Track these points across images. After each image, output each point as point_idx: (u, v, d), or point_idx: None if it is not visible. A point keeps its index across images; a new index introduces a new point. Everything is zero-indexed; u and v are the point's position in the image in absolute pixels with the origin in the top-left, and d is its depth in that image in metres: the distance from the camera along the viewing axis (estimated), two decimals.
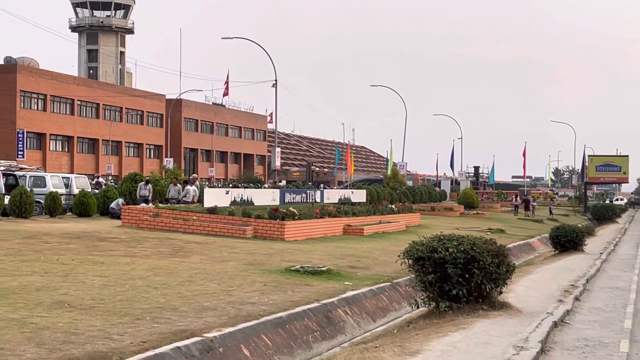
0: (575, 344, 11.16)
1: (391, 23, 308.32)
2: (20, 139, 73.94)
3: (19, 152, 70.89)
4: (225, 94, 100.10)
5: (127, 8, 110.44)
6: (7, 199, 30.85)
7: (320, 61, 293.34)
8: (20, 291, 13.11)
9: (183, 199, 35.31)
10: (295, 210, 29.75)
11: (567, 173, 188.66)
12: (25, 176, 38.29)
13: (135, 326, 11.12)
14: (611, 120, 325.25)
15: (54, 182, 38.67)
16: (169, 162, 76.26)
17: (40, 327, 10.56)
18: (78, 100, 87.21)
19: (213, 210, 29.01)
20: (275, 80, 61.81)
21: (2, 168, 39.22)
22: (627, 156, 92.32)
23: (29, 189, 33.05)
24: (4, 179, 35.88)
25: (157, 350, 9.83)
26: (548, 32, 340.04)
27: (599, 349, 10.83)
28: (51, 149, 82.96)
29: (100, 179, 52.93)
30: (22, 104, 79.50)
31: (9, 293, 12.86)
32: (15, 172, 38.69)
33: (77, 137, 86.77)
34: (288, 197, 37.07)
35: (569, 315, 13.55)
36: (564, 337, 11.62)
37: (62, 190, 37.35)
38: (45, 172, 45.94)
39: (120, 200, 35.41)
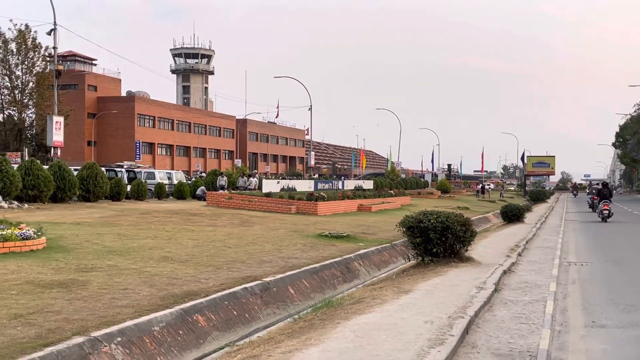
0: (518, 285, 11.10)
1: (393, 56, 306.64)
2: (137, 147, 74.52)
3: (137, 156, 71.42)
4: (277, 115, 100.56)
5: (209, 57, 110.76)
6: (129, 187, 31.19)
7: (343, 88, 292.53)
8: (138, 249, 13.25)
9: (248, 187, 35.45)
10: (324, 194, 29.79)
11: (512, 168, 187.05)
12: (141, 172, 38.73)
13: (216, 273, 11.19)
14: (544, 130, 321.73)
15: (160, 176, 39.10)
16: (238, 162, 76.57)
17: (151, 274, 10.66)
18: (176, 120, 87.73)
19: (268, 194, 29.14)
20: (310, 106, 62.09)
21: (126, 166, 39.69)
22: (554, 156, 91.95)
23: (143, 181, 33.42)
24: (127, 174, 36.33)
25: (231, 290, 9.90)
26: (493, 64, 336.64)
27: (535, 288, 10.76)
28: (158, 153, 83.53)
29: (203, 174, 53.23)
30: (139, 123, 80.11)
31: (131, 251, 12.99)
32: (134, 169, 39.17)
33: (176, 145, 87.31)
34: (320, 185, 37.18)
35: (514, 266, 13.48)
36: (510, 281, 11.56)
37: (166, 181, 37.73)
38: (154, 169, 46.33)
39: (203, 188, 35.72)
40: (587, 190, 74.15)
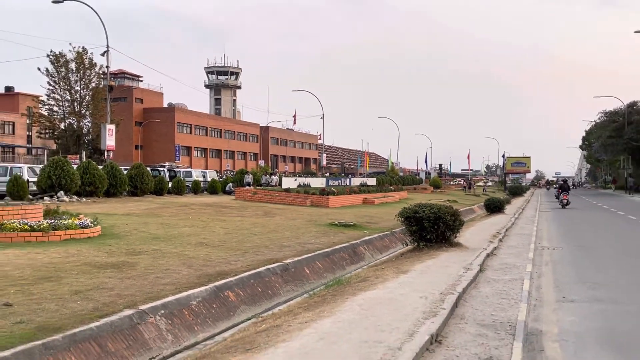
0: (500, 266, 11.04)
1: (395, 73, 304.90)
2: (177, 150, 74.77)
3: (176, 158, 71.62)
4: (294, 123, 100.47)
5: (237, 74, 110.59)
6: (170, 184, 31.31)
7: (351, 98, 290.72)
8: (178, 236, 13.30)
9: (270, 183, 35.54)
10: (334, 190, 29.81)
11: (494, 167, 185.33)
12: (180, 171, 38.97)
13: (243, 256, 11.22)
14: (521, 134, 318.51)
15: (196, 174, 39.27)
16: (262, 162, 76.73)
17: (189, 257, 10.71)
18: (209, 127, 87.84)
19: (287, 190, 29.17)
20: (322, 115, 62.22)
21: (167, 166, 39.91)
22: (529, 157, 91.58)
23: (182, 178, 33.56)
24: (168, 173, 36.50)
25: (256, 270, 9.92)
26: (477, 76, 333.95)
27: (513, 269, 10.70)
28: (195, 156, 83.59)
29: (232, 173, 53.38)
30: (178, 130, 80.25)
31: (172, 238, 13.05)
32: (175, 169, 39.44)
33: (209, 149, 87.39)
34: (330, 182, 37.14)
35: (496, 250, 13.39)
36: (493, 263, 11.50)
37: (201, 179, 37.88)
38: (191, 169, 46.50)
39: (231, 184, 35.85)
40: (555, 185, 74.04)
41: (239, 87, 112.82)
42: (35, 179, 24.25)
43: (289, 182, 33.14)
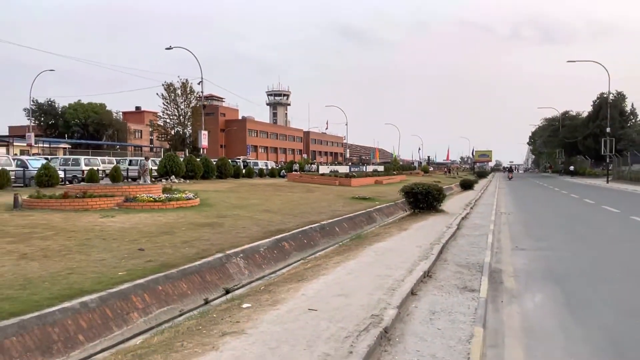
0: (471, 225, 10.84)
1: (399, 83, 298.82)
2: (248, 148, 75.02)
3: (248, 153, 72.05)
4: (326, 128, 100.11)
5: (287, 95, 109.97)
6: (244, 170, 31.56)
7: (367, 109, 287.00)
8: (249, 205, 13.41)
9: (310, 170, 35.49)
10: (355, 174, 29.62)
11: (467, 158, 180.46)
12: (250, 162, 39.15)
13: (293, 219, 11.26)
14: (486, 134, 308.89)
15: (261, 164, 39.41)
16: (305, 156, 76.55)
17: (257, 219, 10.80)
18: (269, 132, 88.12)
19: (323, 174, 29.16)
20: (347, 122, 62.02)
21: (242, 159, 40.20)
22: (491, 150, 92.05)
23: (252, 167, 33.76)
24: (242, 163, 36.76)
25: (303, 228, 9.94)
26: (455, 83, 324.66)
27: (480, 227, 10.49)
28: (260, 152, 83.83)
29: (283, 163, 53.44)
30: (248, 134, 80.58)
31: (246, 206, 13.16)
32: (246, 161, 39.63)
33: (269, 147, 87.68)
34: (352, 169, 36.93)
35: (468, 215, 13.14)
36: (466, 223, 11.29)
37: (264, 167, 38.02)
38: (258, 160, 46.79)
39: (284, 171, 35.93)
40: (506, 169, 72.58)
41: (289, 104, 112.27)
42: (156, 167, 24.82)
43: (323, 169, 33.14)
